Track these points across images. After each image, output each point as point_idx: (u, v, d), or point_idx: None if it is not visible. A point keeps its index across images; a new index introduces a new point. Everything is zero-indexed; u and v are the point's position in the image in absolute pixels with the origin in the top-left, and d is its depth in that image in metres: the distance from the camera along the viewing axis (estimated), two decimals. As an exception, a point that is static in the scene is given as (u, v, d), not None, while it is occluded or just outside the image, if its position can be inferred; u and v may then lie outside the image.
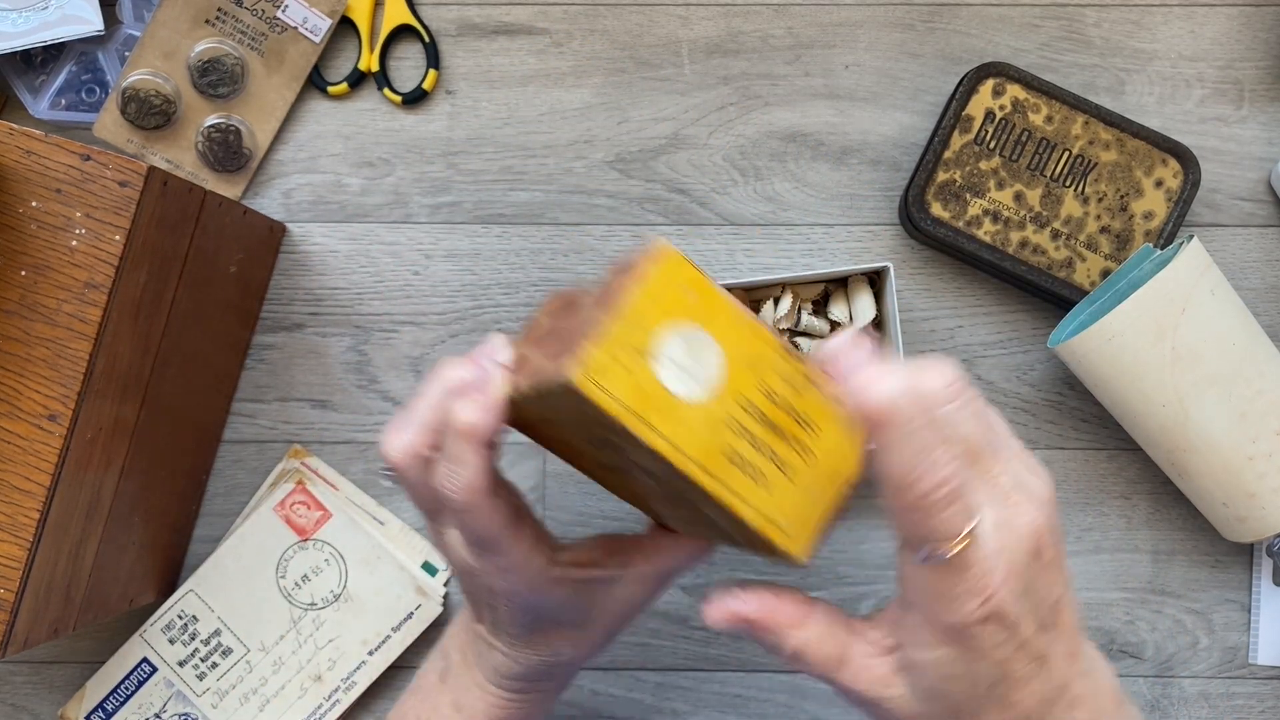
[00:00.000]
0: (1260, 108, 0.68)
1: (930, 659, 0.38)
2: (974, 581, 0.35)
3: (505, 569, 0.45)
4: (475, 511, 0.42)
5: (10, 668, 0.69)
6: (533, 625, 0.48)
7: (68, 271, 0.51)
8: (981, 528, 0.36)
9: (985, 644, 0.37)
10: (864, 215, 0.68)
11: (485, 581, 0.46)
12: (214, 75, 0.67)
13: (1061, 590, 0.38)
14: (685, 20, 0.68)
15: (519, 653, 0.50)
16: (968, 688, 0.38)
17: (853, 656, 0.40)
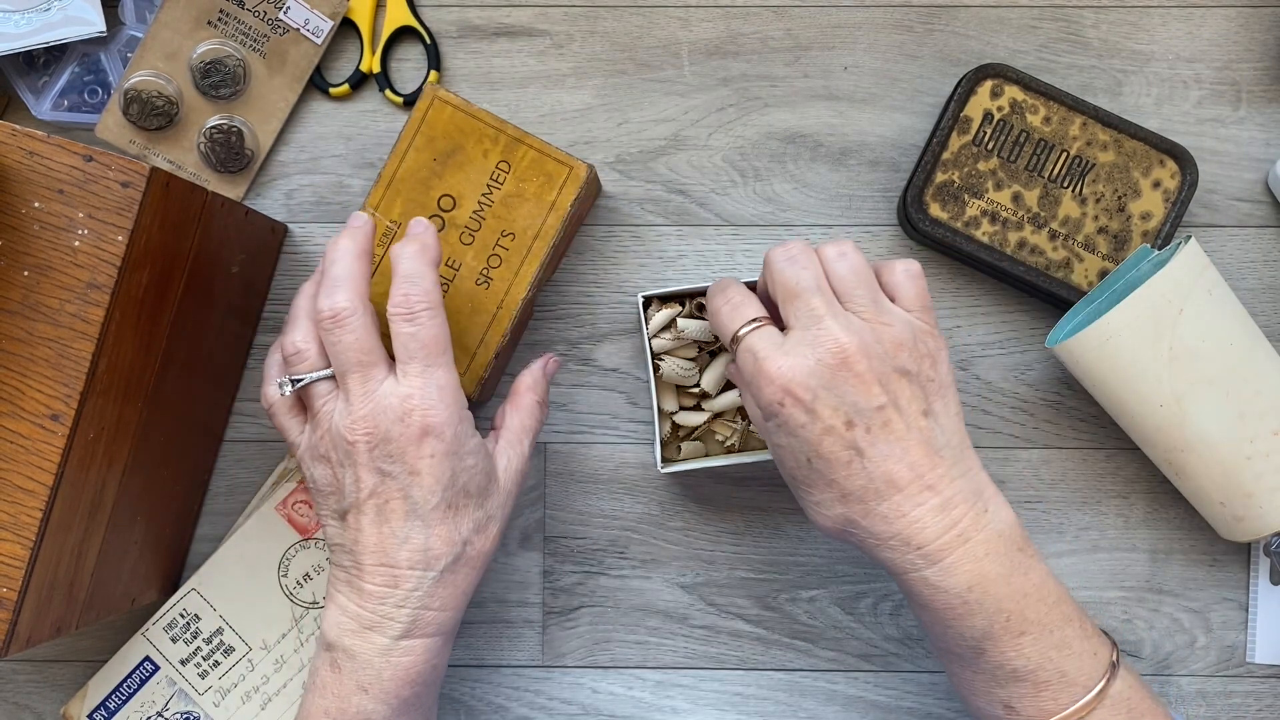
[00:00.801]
0: (1258, 109, 0.68)
1: (762, 429, 0.53)
2: (772, 369, 0.51)
3: (443, 386, 0.52)
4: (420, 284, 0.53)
5: (13, 666, 0.69)
6: (448, 496, 0.52)
7: (70, 272, 0.51)
8: (774, 336, 0.52)
9: (791, 421, 0.51)
10: (863, 216, 0.69)
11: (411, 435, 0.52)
12: (216, 76, 0.67)
13: (882, 403, 0.50)
14: (685, 22, 0.69)
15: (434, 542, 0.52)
16: (791, 457, 0.52)
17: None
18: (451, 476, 0.52)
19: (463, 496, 0.53)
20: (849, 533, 0.52)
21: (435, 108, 0.62)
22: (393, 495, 0.52)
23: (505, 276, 0.62)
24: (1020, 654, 0.51)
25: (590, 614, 0.69)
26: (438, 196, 0.62)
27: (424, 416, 0.51)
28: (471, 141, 0.62)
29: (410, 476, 0.52)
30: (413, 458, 0.51)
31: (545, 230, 0.62)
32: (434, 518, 0.52)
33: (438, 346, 0.53)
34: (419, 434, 0.51)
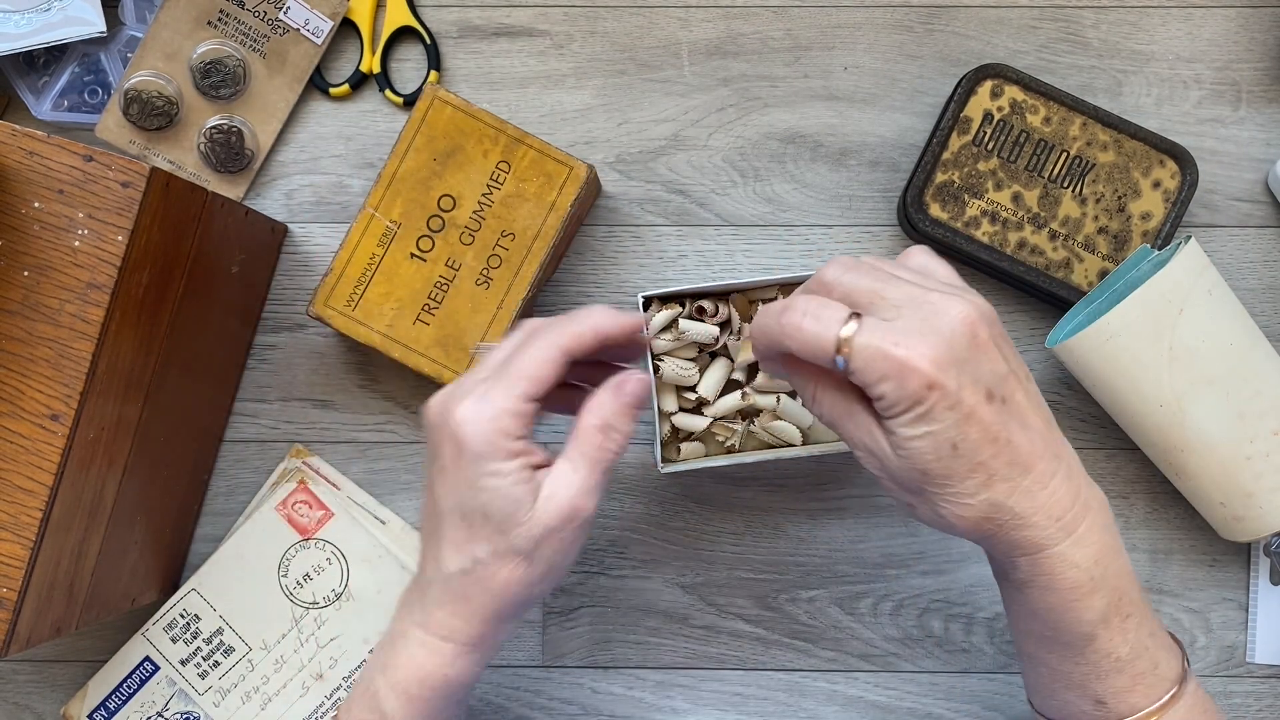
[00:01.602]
0: (1258, 109, 0.68)
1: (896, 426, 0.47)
2: (912, 358, 0.45)
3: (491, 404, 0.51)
4: None
5: (13, 666, 0.69)
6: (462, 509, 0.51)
7: (70, 272, 0.51)
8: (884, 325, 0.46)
9: (937, 408, 0.45)
10: (863, 216, 0.69)
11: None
12: (216, 76, 0.67)
13: (1005, 371, 0.47)
14: (685, 22, 0.69)
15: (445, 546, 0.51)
16: (932, 450, 0.46)
17: (856, 413, 0.49)
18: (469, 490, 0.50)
19: (479, 516, 0.50)
20: (990, 520, 0.48)
21: (435, 108, 0.62)
22: (429, 482, 0.53)
23: (505, 276, 0.62)
24: (1125, 640, 0.50)
25: (590, 614, 0.69)
26: (438, 196, 0.62)
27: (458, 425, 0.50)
28: (471, 142, 0.62)
29: (439, 472, 0.51)
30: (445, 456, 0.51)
31: (545, 230, 0.62)
32: (448, 522, 0.51)
33: (517, 373, 0.51)
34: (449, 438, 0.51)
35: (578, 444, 0.52)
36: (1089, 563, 0.49)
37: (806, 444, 0.66)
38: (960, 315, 0.46)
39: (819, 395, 0.50)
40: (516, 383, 0.51)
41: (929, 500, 0.48)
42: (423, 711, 0.52)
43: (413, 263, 0.63)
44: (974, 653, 0.68)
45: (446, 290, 0.63)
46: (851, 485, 0.68)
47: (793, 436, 0.65)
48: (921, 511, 0.49)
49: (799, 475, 0.68)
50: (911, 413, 0.46)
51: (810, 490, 0.68)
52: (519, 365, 0.51)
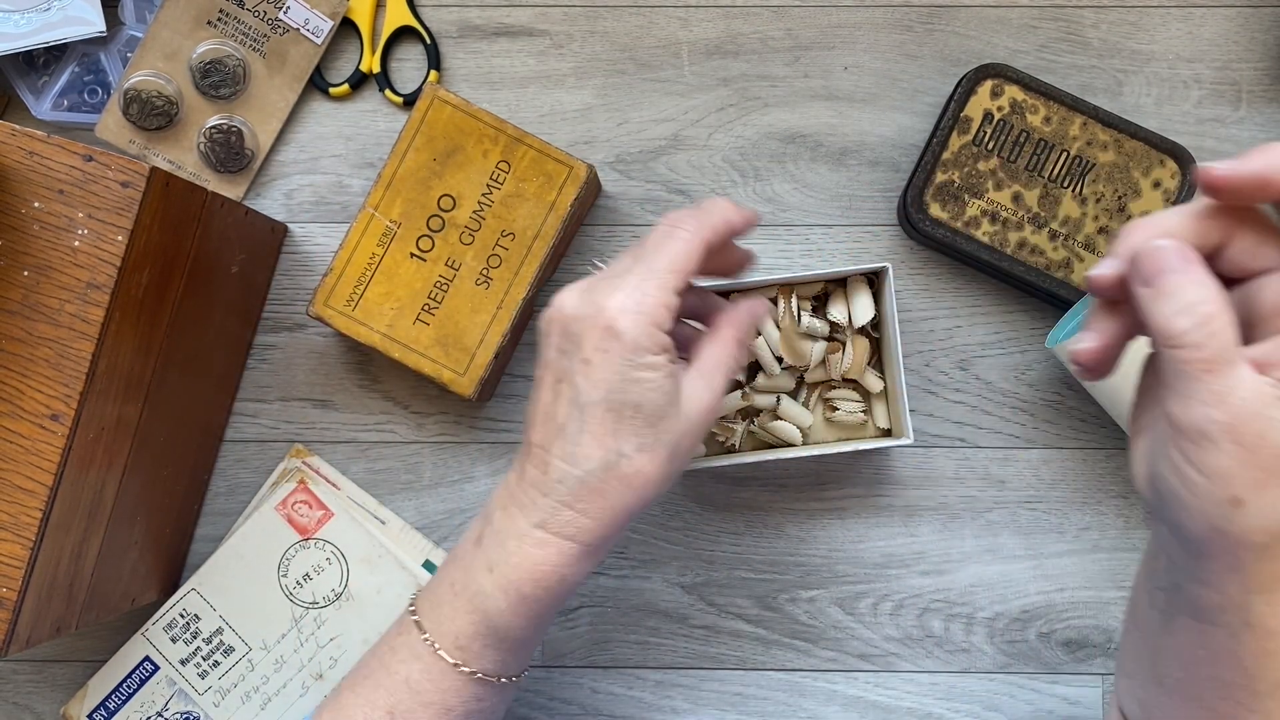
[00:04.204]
0: (1258, 109, 0.68)
1: None
2: None
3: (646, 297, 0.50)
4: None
5: (12, 666, 0.69)
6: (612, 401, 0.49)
7: (70, 272, 0.51)
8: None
9: None
10: (863, 216, 0.69)
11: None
12: (216, 76, 0.67)
13: None
14: (685, 22, 0.69)
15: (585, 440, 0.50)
16: None
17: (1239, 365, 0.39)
18: (621, 382, 0.49)
19: (630, 409, 0.50)
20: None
21: (435, 108, 0.62)
22: (563, 378, 0.51)
23: (505, 276, 0.62)
24: None
25: (590, 614, 0.69)
26: (438, 196, 0.62)
27: (615, 316, 0.50)
28: (471, 141, 0.62)
29: (582, 364, 0.50)
30: (589, 348, 0.50)
31: (545, 230, 0.62)
32: (591, 415, 0.50)
33: (665, 265, 0.51)
34: (603, 329, 0.50)
35: (717, 349, 0.53)
36: None
37: (806, 444, 0.66)
38: None
39: None
40: (667, 275, 0.50)
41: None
42: (533, 611, 0.52)
43: (413, 262, 0.63)
44: (974, 653, 0.68)
45: (446, 290, 0.63)
46: (851, 485, 0.68)
47: (793, 436, 0.65)
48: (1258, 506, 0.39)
49: (799, 475, 0.68)
50: None
51: (810, 490, 0.68)
52: (667, 258, 0.50)
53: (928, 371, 0.68)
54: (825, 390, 0.66)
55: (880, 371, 0.66)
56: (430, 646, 0.52)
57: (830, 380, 0.66)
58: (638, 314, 0.50)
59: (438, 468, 0.69)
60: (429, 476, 0.69)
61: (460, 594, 0.52)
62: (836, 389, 0.66)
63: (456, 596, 0.52)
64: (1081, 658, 0.68)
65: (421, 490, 0.69)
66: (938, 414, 0.68)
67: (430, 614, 0.53)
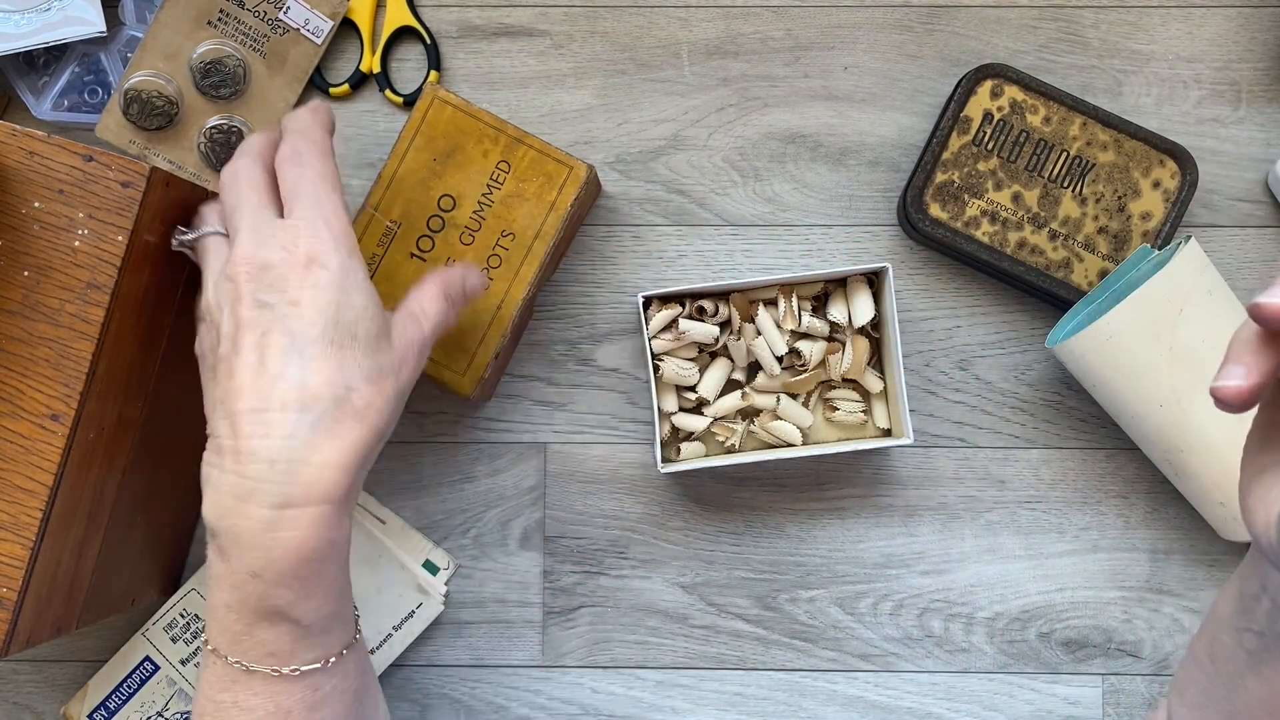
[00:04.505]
0: (1258, 108, 0.68)
1: None
2: None
3: (330, 220, 0.49)
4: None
5: (13, 666, 0.69)
6: (331, 333, 0.48)
7: (70, 272, 0.51)
8: None
9: None
10: (863, 216, 0.69)
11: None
12: (216, 76, 0.67)
13: None
14: (685, 22, 0.69)
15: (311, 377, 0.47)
16: None
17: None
18: (337, 310, 0.48)
19: (349, 337, 0.48)
20: None
21: (435, 108, 0.62)
22: (271, 328, 0.47)
23: (505, 276, 0.62)
24: None
25: (590, 614, 0.69)
26: (438, 196, 0.62)
27: (310, 245, 0.48)
28: (471, 141, 0.62)
29: (290, 307, 0.47)
30: (295, 287, 0.47)
31: (545, 230, 0.62)
32: (313, 352, 0.47)
33: (326, 184, 0.50)
34: (304, 262, 0.48)
35: (422, 295, 0.53)
36: None
37: (806, 444, 0.66)
38: None
39: None
40: (333, 191, 0.51)
41: None
42: (322, 585, 0.49)
43: (413, 263, 0.63)
44: (974, 653, 0.68)
45: None
46: (851, 485, 0.68)
47: (793, 436, 0.65)
48: None
49: (799, 475, 0.68)
50: None
51: (810, 490, 0.68)
52: (318, 173, 0.51)
53: (928, 371, 0.68)
54: (825, 390, 0.66)
55: (880, 371, 0.66)
56: (241, 667, 0.49)
57: (830, 380, 0.66)
58: (332, 236, 0.48)
59: (437, 468, 0.69)
60: (429, 476, 0.69)
61: (242, 610, 0.49)
62: (836, 389, 0.66)
63: (239, 615, 0.49)
64: (1081, 658, 0.68)
65: (421, 490, 0.69)
66: (938, 414, 0.68)
67: (222, 639, 0.50)
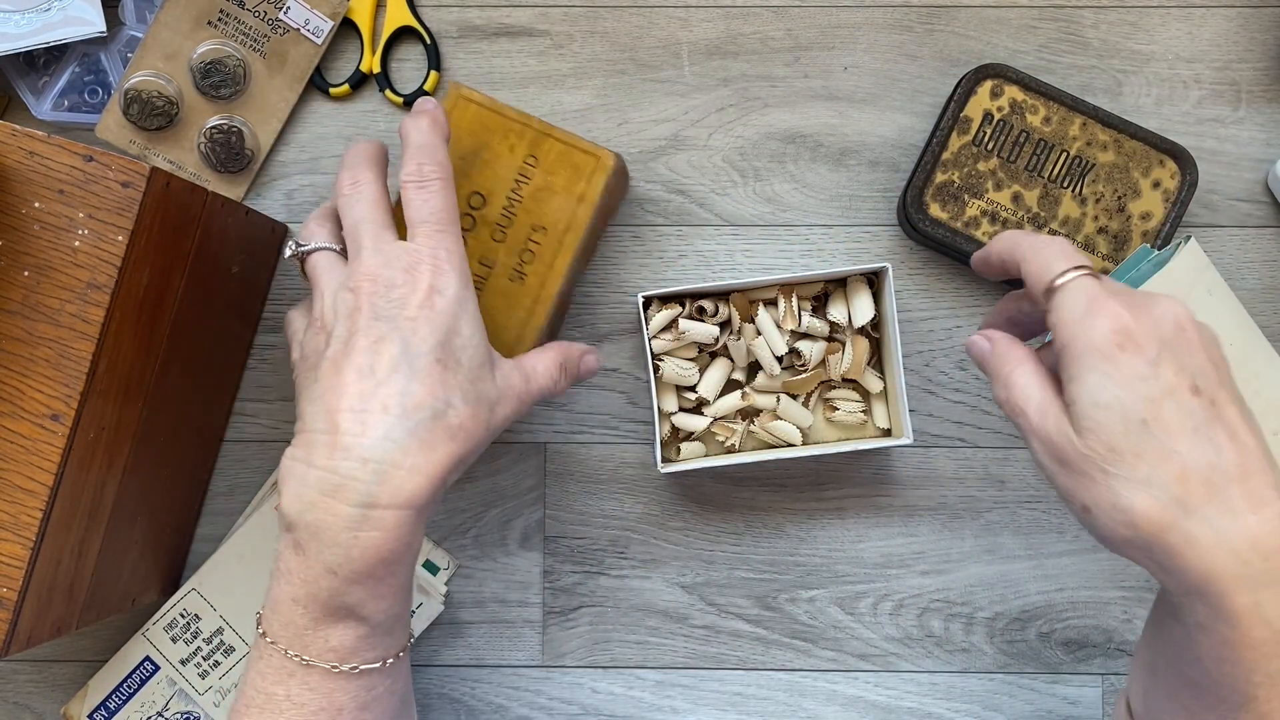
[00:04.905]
0: (1258, 109, 0.68)
1: (1082, 386, 0.44)
2: (1111, 307, 0.44)
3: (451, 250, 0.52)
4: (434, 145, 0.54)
5: (13, 666, 0.69)
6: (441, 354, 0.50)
7: (70, 272, 0.51)
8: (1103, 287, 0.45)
9: (1127, 370, 0.43)
10: (862, 216, 0.69)
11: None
12: (216, 76, 0.67)
13: (1216, 381, 0.44)
14: (685, 22, 0.69)
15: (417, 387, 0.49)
16: (1119, 417, 0.43)
17: (1044, 378, 0.47)
18: (448, 334, 0.50)
19: (454, 361, 0.50)
20: (1166, 532, 0.42)
21: (460, 107, 0.61)
22: (386, 337, 0.49)
23: (539, 271, 0.61)
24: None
25: (590, 614, 0.69)
26: (467, 195, 0.61)
27: (432, 273, 0.50)
28: (497, 138, 0.61)
29: (409, 323, 0.49)
30: (414, 308, 0.49)
31: (576, 222, 0.61)
32: (422, 365, 0.49)
33: (448, 214, 0.52)
34: (426, 288, 0.50)
35: (543, 358, 0.56)
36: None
37: (806, 444, 0.66)
38: (1174, 306, 0.44)
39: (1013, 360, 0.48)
40: (452, 226, 0.53)
41: (1110, 489, 0.43)
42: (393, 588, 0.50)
43: None
44: (974, 653, 0.68)
45: (481, 289, 0.61)
46: (851, 485, 0.68)
47: (793, 436, 0.65)
48: (1099, 509, 0.43)
49: (799, 475, 0.68)
50: (1099, 369, 0.43)
51: (810, 490, 0.68)
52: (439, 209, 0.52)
53: (928, 371, 0.68)
54: (825, 390, 0.66)
55: (880, 371, 0.66)
56: (299, 661, 0.50)
57: (830, 380, 0.66)
58: (451, 268, 0.51)
59: (438, 468, 0.69)
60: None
61: (310, 605, 0.49)
62: (836, 389, 0.66)
63: (307, 609, 0.49)
64: (1081, 658, 0.68)
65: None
66: (938, 414, 0.68)
67: (284, 633, 0.50)
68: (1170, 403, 0.43)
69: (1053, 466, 0.45)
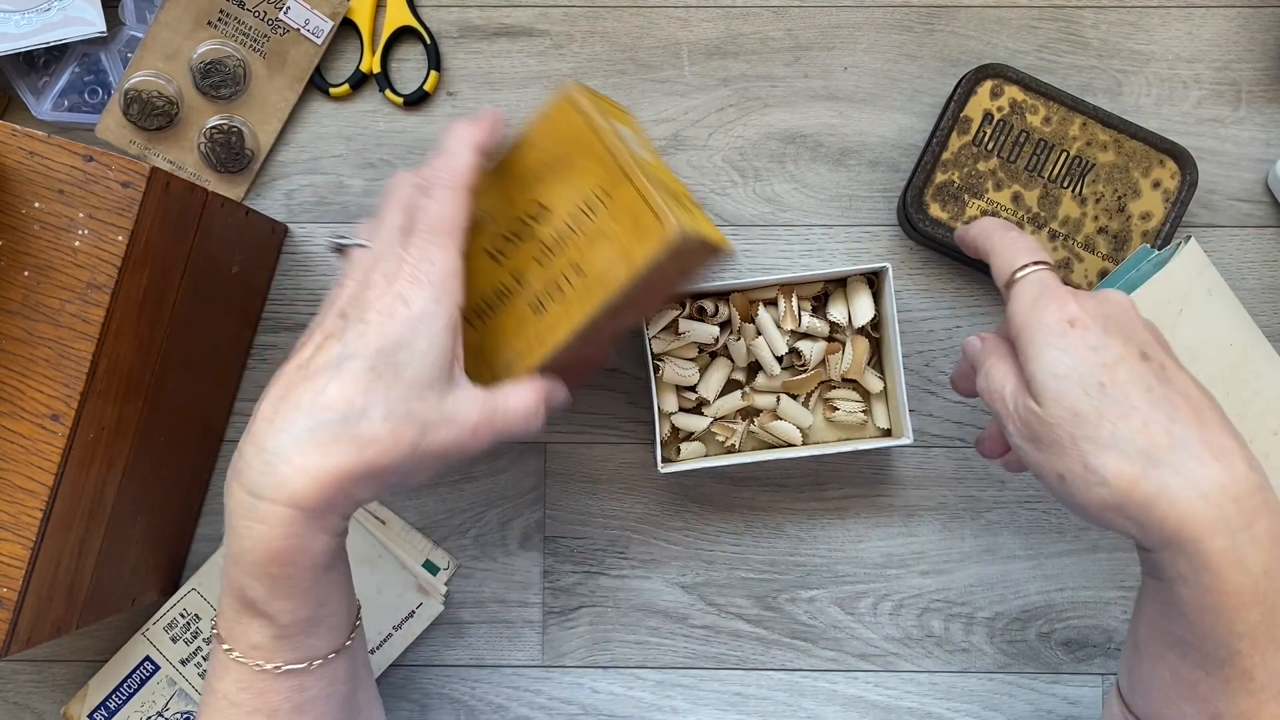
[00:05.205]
0: (1257, 109, 0.68)
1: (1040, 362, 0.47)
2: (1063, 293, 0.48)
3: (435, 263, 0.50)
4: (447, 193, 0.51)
5: (13, 666, 0.69)
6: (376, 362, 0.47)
7: (70, 272, 0.51)
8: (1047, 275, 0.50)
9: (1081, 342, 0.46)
10: (862, 216, 0.69)
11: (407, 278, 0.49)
12: (216, 76, 0.67)
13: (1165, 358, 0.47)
14: (685, 22, 0.69)
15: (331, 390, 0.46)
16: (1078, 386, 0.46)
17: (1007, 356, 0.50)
18: (395, 345, 0.47)
19: (391, 372, 0.47)
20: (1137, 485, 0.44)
21: (561, 110, 0.55)
22: (334, 336, 0.48)
23: (558, 313, 0.54)
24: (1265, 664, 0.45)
25: (590, 614, 0.69)
26: (532, 200, 0.55)
27: (405, 281, 0.48)
28: (582, 156, 0.54)
29: (360, 324, 0.48)
30: (374, 311, 0.48)
31: (610, 281, 0.53)
32: (350, 369, 0.47)
33: (446, 226, 0.50)
34: (394, 294, 0.48)
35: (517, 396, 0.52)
36: (1259, 570, 0.44)
37: (806, 444, 0.66)
38: (1119, 296, 0.49)
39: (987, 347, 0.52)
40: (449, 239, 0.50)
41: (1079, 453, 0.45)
42: (298, 589, 0.48)
43: (485, 261, 0.56)
44: (974, 653, 0.68)
45: (503, 302, 0.56)
46: (851, 485, 0.68)
47: (793, 436, 0.65)
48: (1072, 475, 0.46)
49: (799, 475, 0.68)
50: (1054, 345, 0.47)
51: (810, 490, 0.68)
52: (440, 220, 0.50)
53: (928, 371, 0.68)
54: (825, 390, 0.66)
55: (880, 371, 0.66)
56: (231, 655, 0.49)
57: (830, 380, 0.66)
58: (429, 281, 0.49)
59: (438, 468, 0.69)
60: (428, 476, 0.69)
61: (230, 595, 0.49)
62: (836, 389, 0.66)
63: (231, 600, 0.49)
64: (1081, 658, 0.68)
65: (421, 490, 0.69)
66: (938, 414, 0.68)
67: (221, 623, 0.50)
68: (1123, 367, 0.46)
69: (1025, 445, 0.48)
